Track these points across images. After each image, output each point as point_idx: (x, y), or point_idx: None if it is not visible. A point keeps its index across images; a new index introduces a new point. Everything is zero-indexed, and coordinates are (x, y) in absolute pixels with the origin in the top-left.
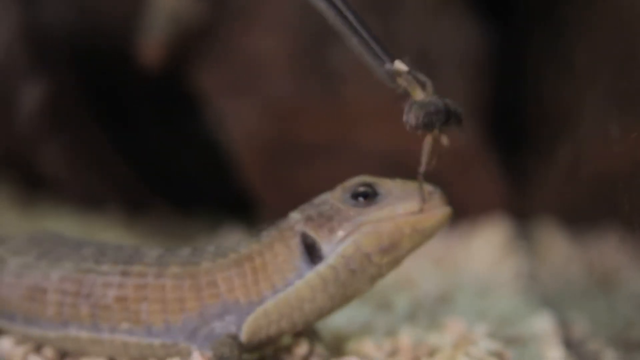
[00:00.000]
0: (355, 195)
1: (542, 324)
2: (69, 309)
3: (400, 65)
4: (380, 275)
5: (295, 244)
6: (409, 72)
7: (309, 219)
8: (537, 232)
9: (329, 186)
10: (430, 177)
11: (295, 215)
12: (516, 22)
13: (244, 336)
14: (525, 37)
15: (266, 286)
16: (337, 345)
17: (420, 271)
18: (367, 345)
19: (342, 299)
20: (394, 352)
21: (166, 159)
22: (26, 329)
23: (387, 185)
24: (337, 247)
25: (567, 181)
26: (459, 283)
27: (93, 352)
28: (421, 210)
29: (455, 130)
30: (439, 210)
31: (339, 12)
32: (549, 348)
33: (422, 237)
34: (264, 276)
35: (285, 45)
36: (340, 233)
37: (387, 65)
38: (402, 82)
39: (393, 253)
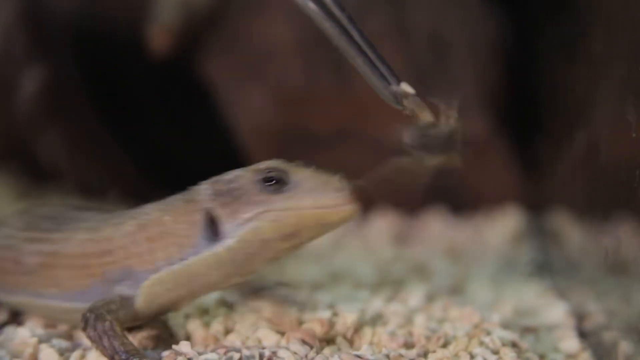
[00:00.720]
0: (265, 180)
1: (556, 314)
2: (12, 276)
3: (406, 88)
4: (276, 257)
5: (198, 219)
6: (415, 95)
7: (217, 194)
8: (551, 222)
9: None
10: (449, 167)
11: (205, 188)
12: (530, 9)
13: (139, 299)
14: (539, 23)
15: (161, 256)
16: (352, 336)
17: (433, 262)
18: (382, 336)
19: (237, 276)
20: (408, 343)
21: (173, 148)
22: (5, 297)
23: (298, 175)
24: (238, 228)
25: (581, 171)
26: (472, 273)
27: (41, 315)
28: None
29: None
30: (345, 207)
31: (345, 31)
32: (564, 338)
33: (324, 229)
34: (161, 246)
35: (294, 33)
36: (243, 216)
37: (394, 87)
38: (408, 104)
39: (292, 241)
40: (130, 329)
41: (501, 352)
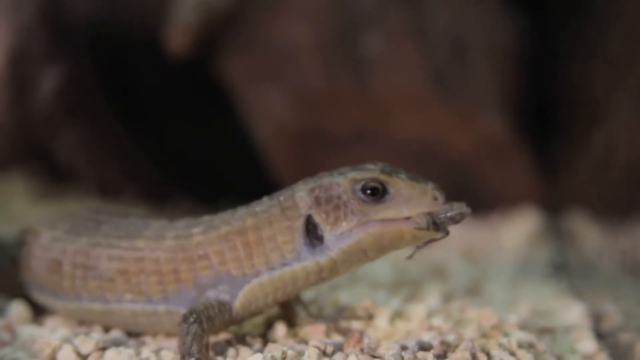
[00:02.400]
0: (364, 190)
1: (574, 315)
2: (80, 281)
3: None
4: (369, 261)
5: (299, 226)
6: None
7: (317, 203)
8: (568, 223)
9: None
10: (464, 166)
11: (302, 195)
12: (549, 11)
13: (238, 304)
14: (558, 25)
15: (260, 262)
16: (373, 334)
17: (450, 262)
18: (399, 336)
19: (331, 278)
20: (425, 344)
21: (192, 150)
22: (53, 301)
23: (397, 185)
24: (340, 238)
25: (599, 172)
26: (489, 275)
27: (106, 323)
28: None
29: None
30: (441, 231)
31: None
32: (581, 339)
33: (416, 242)
34: (259, 252)
35: (315, 33)
36: (344, 225)
37: None
38: None
39: (387, 251)
40: None
41: (518, 354)
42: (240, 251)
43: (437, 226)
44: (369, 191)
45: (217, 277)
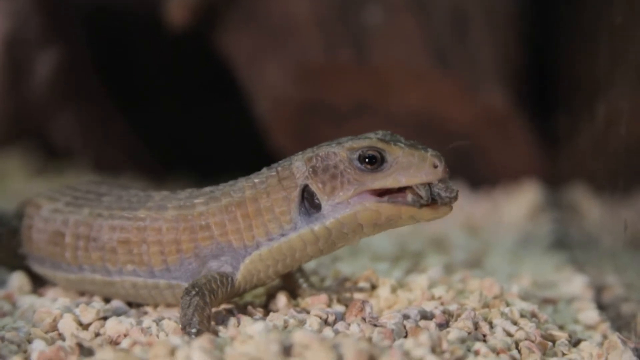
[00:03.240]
0: (362, 159)
1: (575, 287)
2: (82, 252)
3: None
4: (367, 236)
5: (296, 195)
6: None
7: (314, 173)
8: (569, 196)
9: None
10: (465, 139)
11: (299, 165)
12: None
13: (239, 276)
14: None
15: (260, 233)
16: (374, 304)
17: (452, 235)
18: (401, 306)
19: (330, 250)
20: (427, 313)
21: (190, 125)
22: (54, 273)
23: (395, 153)
24: (336, 208)
25: (601, 144)
26: (490, 247)
27: (108, 293)
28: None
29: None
30: (441, 209)
31: None
32: (583, 310)
33: (415, 222)
34: (258, 223)
35: (314, 6)
36: (341, 194)
37: None
38: None
39: (384, 227)
40: None
41: (520, 323)
42: (241, 223)
43: (435, 201)
44: (366, 160)
45: (218, 248)
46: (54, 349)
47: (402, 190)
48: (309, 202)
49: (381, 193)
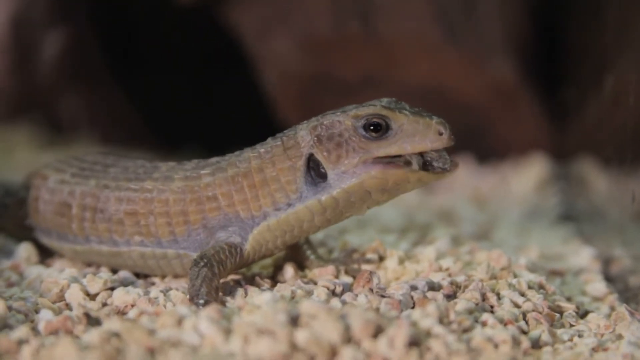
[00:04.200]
0: (366, 126)
1: (583, 259)
2: (89, 223)
3: None
4: (375, 204)
5: (301, 165)
6: None
7: (318, 141)
8: (577, 170)
9: None
10: (473, 112)
11: (304, 134)
12: None
13: (248, 246)
14: None
15: (267, 202)
16: (382, 275)
17: (459, 208)
18: (409, 276)
19: (336, 221)
20: (435, 284)
21: (200, 101)
22: (60, 244)
23: (400, 120)
24: (342, 177)
25: (609, 117)
26: (498, 220)
27: (115, 264)
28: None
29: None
30: (445, 172)
31: None
32: (590, 281)
33: (423, 185)
34: (265, 193)
35: None
36: (347, 162)
37: None
38: None
39: (393, 193)
40: None
41: (528, 294)
42: (247, 193)
43: (427, 169)
44: (371, 127)
45: (226, 218)
46: (61, 319)
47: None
48: (314, 172)
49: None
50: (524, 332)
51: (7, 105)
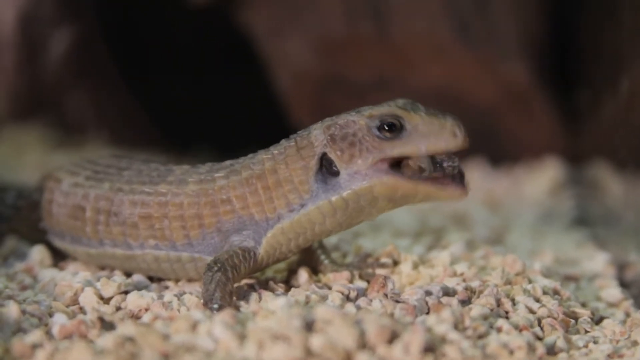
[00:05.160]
0: (381, 126)
1: (597, 264)
2: (103, 227)
3: None
4: (381, 212)
5: (314, 164)
6: None
7: (332, 140)
8: (591, 173)
9: None
10: (487, 115)
11: (317, 133)
12: None
13: (262, 250)
14: None
15: (281, 204)
16: (396, 280)
17: (473, 212)
18: (423, 281)
19: (348, 225)
20: (450, 289)
21: (212, 102)
22: (74, 247)
23: (414, 121)
24: (353, 177)
25: (624, 120)
26: (512, 224)
27: (129, 268)
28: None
29: None
30: (457, 191)
31: None
32: (605, 287)
33: (429, 200)
34: (279, 194)
35: None
36: (360, 162)
37: None
38: None
39: (399, 203)
40: None
41: (543, 300)
42: (261, 195)
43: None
44: (386, 127)
45: (240, 221)
46: (75, 323)
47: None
48: (327, 171)
49: (396, 162)
50: (539, 338)
51: (14, 103)
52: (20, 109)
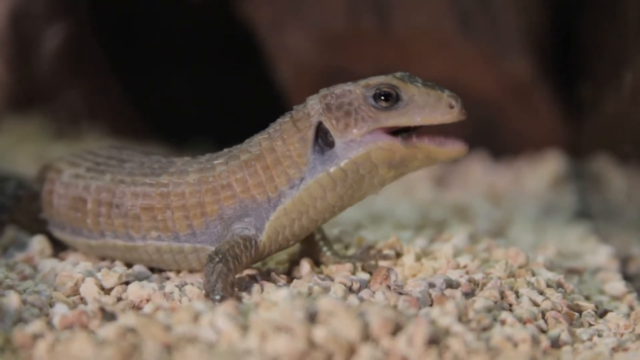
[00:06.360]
0: (377, 96)
1: (600, 257)
2: (104, 219)
3: None
4: (384, 183)
5: (311, 135)
6: None
7: (328, 109)
8: (593, 167)
9: None
10: (489, 108)
11: (314, 103)
12: None
13: (264, 236)
14: None
15: (282, 181)
16: (399, 272)
17: (475, 205)
18: (426, 274)
19: (350, 199)
20: (453, 282)
21: (213, 95)
22: (74, 238)
23: (410, 91)
24: (348, 145)
25: (626, 113)
26: (513, 217)
27: (130, 259)
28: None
29: None
30: (456, 146)
31: None
32: (608, 280)
33: (431, 163)
34: (279, 171)
35: None
36: (355, 131)
37: None
38: None
39: (400, 169)
40: None
41: (547, 293)
42: (262, 175)
43: None
44: (382, 97)
45: (241, 206)
46: (77, 313)
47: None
48: (323, 141)
49: (394, 134)
50: (543, 331)
51: (7, 100)
52: (12, 104)
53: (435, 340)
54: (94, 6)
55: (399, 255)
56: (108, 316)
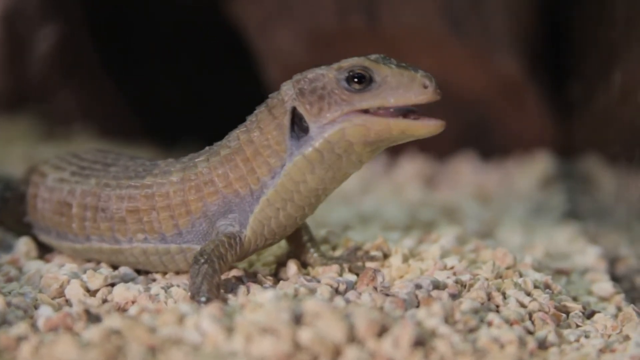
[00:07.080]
0: (350, 78)
1: (588, 258)
2: (90, 223)
3: None
4: (362, 160)
5: (287, 120)
6: None
7: (301, 94)
8: (582, 167)
9: None
10: (478, 108)
11: (287, 89)
12: None
13: (249, 231)
14: None
15: (263, 172)
16: (386, 273)
17: (463, 205)
18: (413, 275)
19: (332, 179)
20: (440, 283)
21: (202, 95)
22: (59, 242)
23: (383, 72)
24: (323, 128)
25: (616, 114)
26: (502, 218)
27: (116, 261)
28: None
29: None
30: (432, 122)
31: None
32: (596, 281)
33: (407, 138)
34: (260, 162)
35: None
36: (328, 115)
37: None
38: None
39: (375, 145)
40: None
41: (534, 294)
42: (243, 168)
43: None
44: (355, 79)
45: (225, 202)
46: (61, 316)
47: None
48: (298, 126)
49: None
50: (530, 333)
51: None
52: (5, 105)
53: (422, 341)
54: (87, 8)
55: (386, 256)
56: (93, 318)
